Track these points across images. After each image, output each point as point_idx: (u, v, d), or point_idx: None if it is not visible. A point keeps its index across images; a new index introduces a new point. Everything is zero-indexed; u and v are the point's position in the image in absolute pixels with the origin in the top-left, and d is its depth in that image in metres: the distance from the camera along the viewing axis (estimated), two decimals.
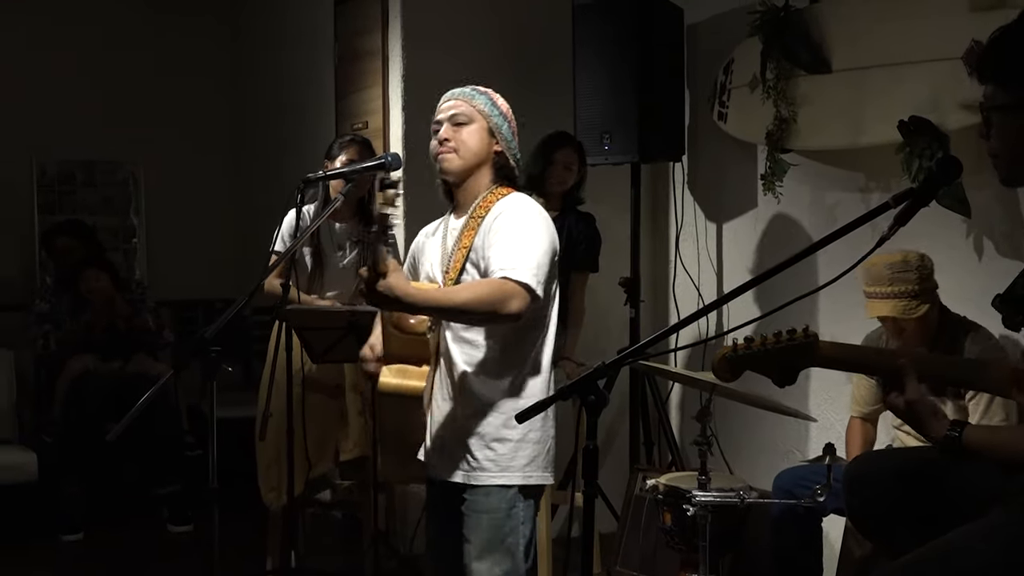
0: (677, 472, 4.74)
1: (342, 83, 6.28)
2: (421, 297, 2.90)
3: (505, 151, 3.24)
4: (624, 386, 5.54)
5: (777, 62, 4.96)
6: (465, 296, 2.97)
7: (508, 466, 3.13)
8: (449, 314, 3.06)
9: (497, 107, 3.27)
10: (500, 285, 2.97)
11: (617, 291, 5.42)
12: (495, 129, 3.24)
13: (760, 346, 2.45)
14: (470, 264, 3.13)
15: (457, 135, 3.20)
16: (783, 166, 5.05)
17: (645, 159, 5.36)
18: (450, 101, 3.27)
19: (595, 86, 5.32)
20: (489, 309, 2.95)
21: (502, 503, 3.12)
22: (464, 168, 3.21)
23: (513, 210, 3.13)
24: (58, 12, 7.45)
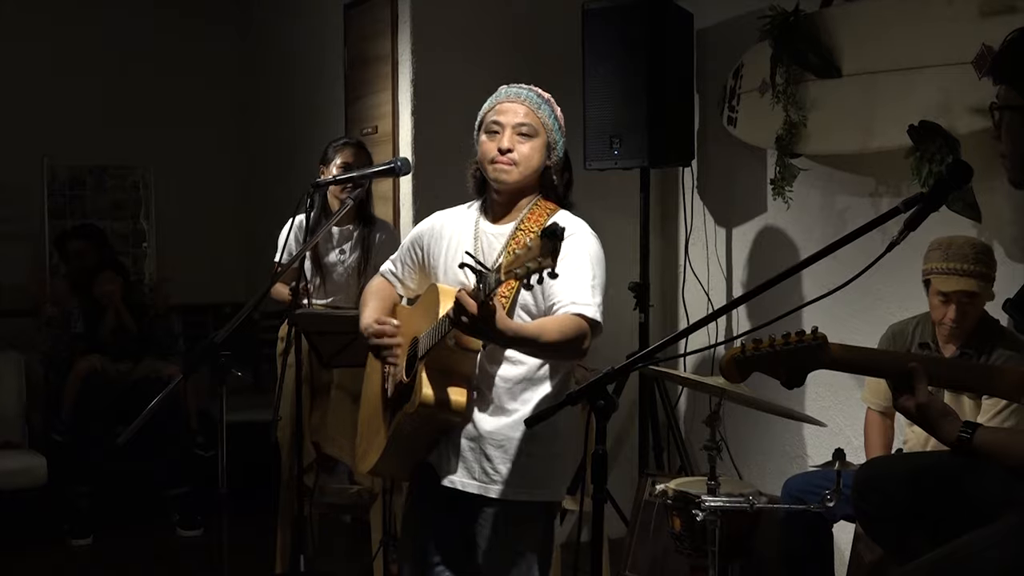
0: (686, 477, 4.73)
1: (352, 88, 6.28)
2: (520, 333, 2.88)
3: (553, 166, 3.20)
4: (633, 391, 5.54)
5: (787, 67, 4.96)
6: (556, 337, 2.93)
7: (535, 483, 3.12)
8: (538, 350, 3.01)
9: (558, 120, 3.22)
10: (580, 324, 2.96)
11: (626, 296, 5.41)
12: (552, 144, 3.19)
13: (769, 347, 2.45)
14: None
15: (520, 148, 3.14)
16: (793, 171, 5.04)
17: (654, 164, 5.36)
18: (515, 104, 3.18)
19: (604, 91, 5.32)
20: (572, 348, 2.97)
21: (523, 519, 3.12)
22: (518, 181, 3.16)
23: (579, 238, 3.10)
24: (67, 17, 7.48)
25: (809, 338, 2.45)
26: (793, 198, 5.08)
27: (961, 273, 3.95)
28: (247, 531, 4.50)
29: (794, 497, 4.15)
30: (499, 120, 3.16)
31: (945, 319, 4.00)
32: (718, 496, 3.91)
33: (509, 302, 3.06)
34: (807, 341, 2.45)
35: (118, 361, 6.40)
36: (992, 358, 3.96)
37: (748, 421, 5.40)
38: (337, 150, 4.99)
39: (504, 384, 3.11)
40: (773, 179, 5.10)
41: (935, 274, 4.01)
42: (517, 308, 3.08)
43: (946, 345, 4.07)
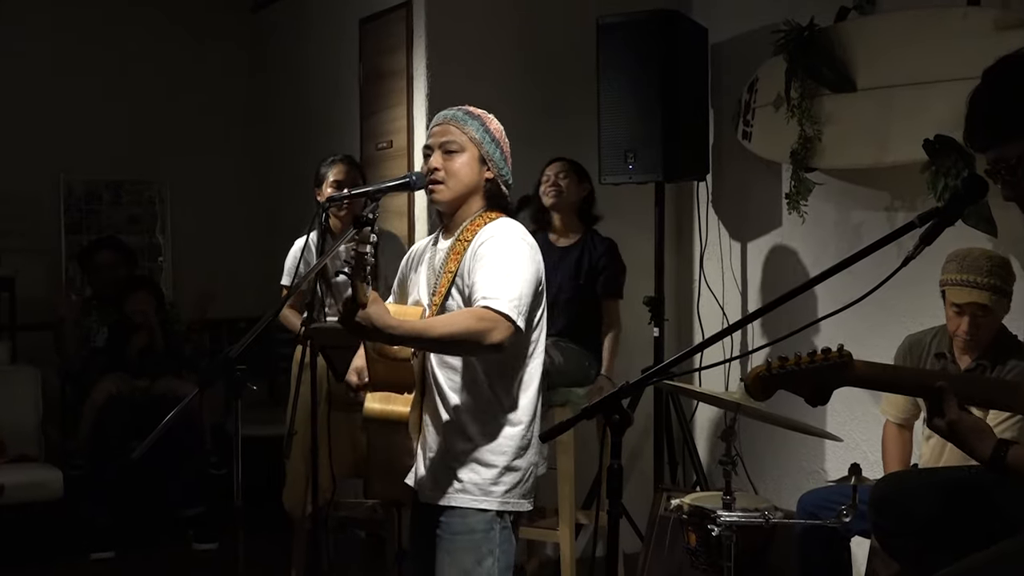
0: (702, 492, 4.72)
1: (366, 102, 6.30)
2: (400, 329, 2.89)
3: (496, 177, 3.22)
4: (648, 406, 5.53)
5: (802, 81, 4.96)
6: (445, 328, 2.94)
7: (489, 491, 3.12)
8: (430, 345, 3.04)
9: (489, 132, 3.22)
10: (481, 316, 2.95)
11: (641, 310, 5.41)
12: (487, 156, 3.20)
13: (794, 365, 2.43)
14: (455, 289, 3.12)
15: (448, 164, 3.17)
16: (808, 185, 5.04)
17: (669, 178, 5.36)
18: (441, 125, 3.23)
19: (619, 105, 5.32)
20: (470, 341, 2.94)
21: (479, 524, 3.11)
22: (453, 199, 3.20)
23: (498, 237, 3.11)
24: (84, 33, 7.51)
25: (835, 356, 2.43)
26: (808, 212, 5.08)
27: (975, 285, 3.94)
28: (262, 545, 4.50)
29: (810, 512, 4.14)
30: (429, 143, 3.23)
31: (959, 331, 3.99)
32: (734, 511, 3.90)
33: (437, 308, 3.12)
34: (832, 359, 2.44)
35: (137, 378, 6.41)
36: (1006, 370, 3.95)
37: (764, 436, 5.39)
38: (330, 166, 5.00)
39: (452, 395, 3.13)
40: (788, 193, 5.10)
41: (950, 285, 4.01)
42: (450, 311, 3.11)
43: (962, 356, 4.06)
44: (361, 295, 2.78)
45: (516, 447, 3.14)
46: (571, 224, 5.32)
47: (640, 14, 5.31)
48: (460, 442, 3.12)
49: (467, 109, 3.26)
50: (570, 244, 5.28)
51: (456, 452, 3.12)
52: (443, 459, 3.14)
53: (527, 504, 3.21)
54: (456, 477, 3.12)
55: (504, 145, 3.25)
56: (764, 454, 5.49)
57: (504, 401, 3.13)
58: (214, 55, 7.92)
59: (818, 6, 5.01)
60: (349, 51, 6.46)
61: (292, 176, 7.39)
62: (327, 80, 6.88)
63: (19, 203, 7.25)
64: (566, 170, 5.28)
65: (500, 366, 3.11)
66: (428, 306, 3.17)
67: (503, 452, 3.12)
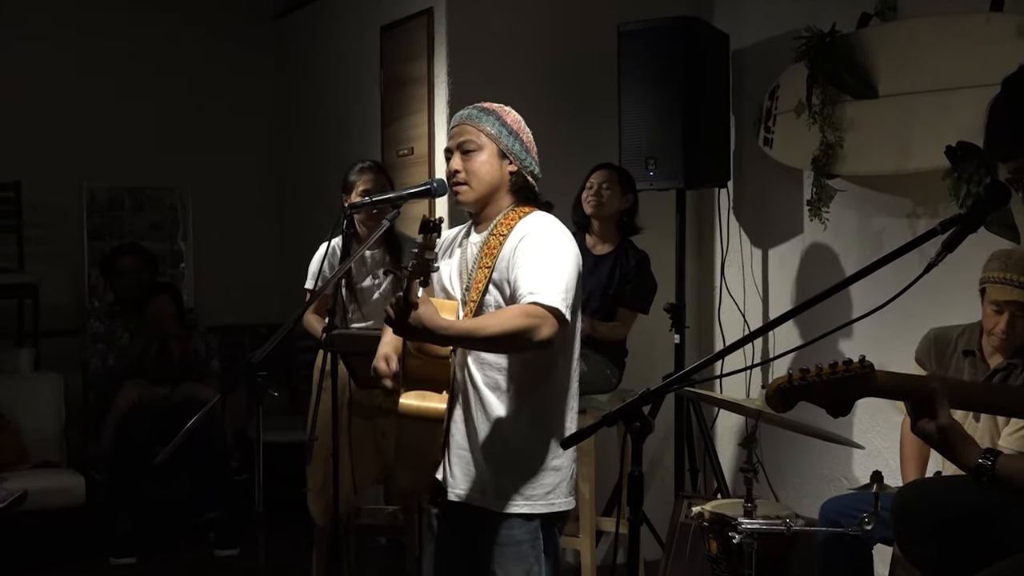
0: (723, 499, 4.71)
1: (388, 109, 6.31)
2: (452, 329, 2.91)
3: (520, 169, 3.21)
4: (669, 412, 5.52)
5: (823, 87, 4.95)
6: (496, 327, 2.94)
7: (531, 494, 3.11)
8: (480, 345, 3.05)
9: (506, 126, 3.22)
10: (531, 311, 2.94)
11: (662, 317, 5.40)
12: (506, 150, 3.19)
13: (815, 376, 2.42)
14: (492, 285, 3.12)
15: (468, 165, 3.18)
16: (829, 192, 5.03)
17: (690, 185, 5.35)
18: (458, 127, 3.24)
19: (640, 112, 5.33)
20: (521, 338, 2.93)
21: (526, 534, 3.10)
22: (479, 198, 3.20)
23: (537, 231, 3.11)
24: (106, 40, 7.54)
25: (856, 367, 2.42)
26: (830, 219, 5.07)
27: (1016, 284, 3.93)
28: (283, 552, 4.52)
29: (832, 520, 4.12)
30: (448, 146, 3.25)
31: (996, 329, 3.97)
32: (755, 518, 3.90)
33: (476, 304, 3.11)
34: (854, 370, 2.42)
35: (158, 384, 6.43)
36: None
37: (785, 443, 5.38)
38: (357, 176, 5.00)
39: (489, 392, 3.12)
40: (810, 200, 5.09)
41: (991, 283, 3.99)
42: (489, 307, 3.12)
43: (993, 355, 4.04)
44: (413, 295, 2.78)
45: (553, 445, 3.12)
46: (608, 233, 5.30)
47: (661, 21, 5.31)
48: (497, 442, 3.11)
49: (482, 106, 3.27)
50: (605, 253, 5.27)
51: (494, 453, 3.11)
52: (480, 460, 3.13)
53: (572, 501, 3.21)
54: (496, 480, 3.11)
55: (524, 135, 3.25)
56: (785, 461, 5.47)
57: (543, 397, 3.13)
58: (236, 62, 7.95)
59: (840, 12, 5.00)
60: (370, 58, 6.48)
61: (313, 182, 7.41)
62: (348, 87, 6.90)
63: (42, 210, 7.28)
64: (611, 181, 5.24)
65: (539, 360, 3.10)
66: (464, 301, 3.17)
67: (542, 453, 3.11)
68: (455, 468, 3.17)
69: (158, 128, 7.64)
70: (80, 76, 7.44)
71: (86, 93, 7.43)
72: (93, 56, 7.51)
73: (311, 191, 7.45)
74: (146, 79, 7.64)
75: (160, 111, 7.67)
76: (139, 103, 7.60)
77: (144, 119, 7.61)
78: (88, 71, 7.47)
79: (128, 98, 7.57)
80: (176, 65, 7.75)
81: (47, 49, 7.37)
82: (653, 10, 5.46)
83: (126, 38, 7.61)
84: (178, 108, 7.73)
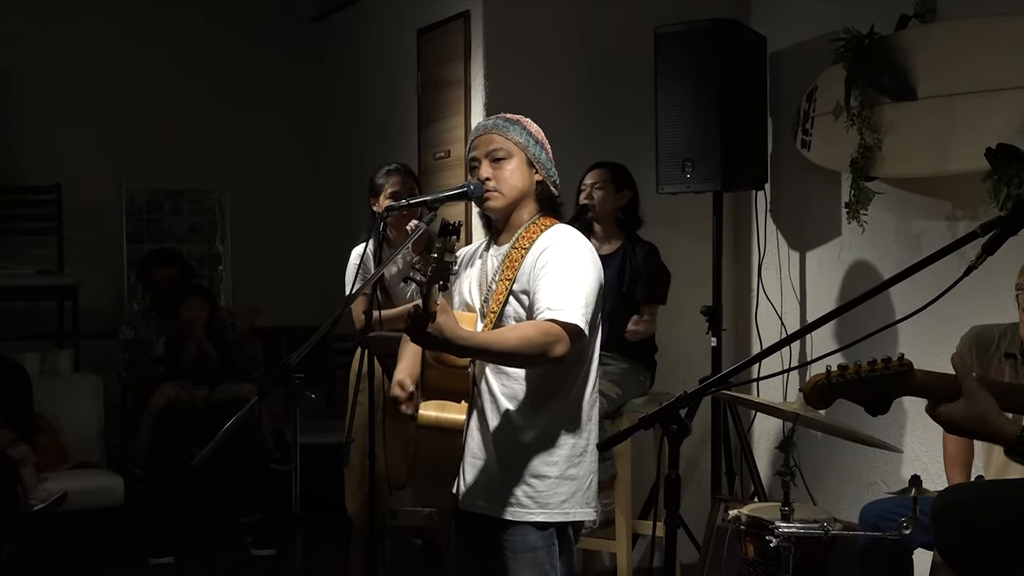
0: (760, 503, 4.70)
1: (424, 112, 6.33)
2: (471, 341, 2.92)
3: (545, 179, 3.24)
4: (706, 416, 5.51)
5: (862, 89, 4.93)
6: (514, 342, 2.96)
7: (547, 503, 3.11)
8: (496, 358, 3.07)
9: (532, 135, 3.24)
10: (548, 328, 2.96)
11: (699, 320, 5.39)
12: (534, 159, 3.22)
13: (854, 373, 2.41)
14: (513, 298, 3.13)
15: (498, 172, 3.19)
16: (868, 194, 5.01)
17: (727, 187, 5.34)
18: (484, 135, 3.24)
19: (677, 114, 5.31)
20: (536, 354, 2.96)
21: (540, 541, 3.10)
22: (507, 206, 3.21)
23: (560, 245, 3.12)
24: (145, 43, 7.60)
25: (895, 365, 2.41)
26: (868, 222, 5.04)
27: None
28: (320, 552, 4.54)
29: (871, 524, 4.10)
30: (475, 155, 3.24)
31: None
32: (792, 522, 3.88)
33: (495, 316, 3.12)
34: (893, 367, 2.41)
35: (196, 385, 6.47)
36: None
37: (822, 447, 5.36)
38: (384, 178, 5.01)
39: (507, 401, 3.12)
40: (848, 202, 5.07)
41: None
42: (508, 319, 3.12)
43: None
44: (432, 305, 2.78)
45: (570, 455, 3.13)
46: (611, 232, 5.31)
47: (698, 23, 5.29)
48: (513, 451, 3.12)
49: (505, 116, 3.28)
50: (611, 251, 5.26)
51: (510, 461, 3.12)
52: (495, 468, 3.13)
53: (591, 512, 3.21)
54: (511, 489, 3.11)
55: (547, 146, 3.27)
56: (823, 465, 5.45)
57: (559, 407, 3.13)
58: (273, 64, 7.98)
59: (878, 14, 4.97)
60: (407, 61, 6.49)
61: (350, 184, 7.42)
62: (385, 90, 6.93)
63: (82, 212, 7.34)
64: (602, 180, 5.27)
65: (557, 372, 3.11)
66: (483, 313, 3.18)
67: (556, 461, 3.11)
68: (469, 477, 3.18)
69: (197, 130, 7.69)
70: (120, 79, 7.50)
71: (126, 95, 7.49)
72: (134, 60, 7.56)
73: (348, 193, 7.46)
74: (185, 82, 7.69)
75: (199, 114, 7.72)
76: (178, 106, 7.65)
77: (183, 122, 7.66)
78: (128, 74, 7.53)
79: (167, 100, 7.62)
80: (215, 68, 7.80)
81: (89, 53, 7.44)
82: (690, 12, 5.45)
83: (166, 43, 7.66)
84: (216, 111, 7.78)
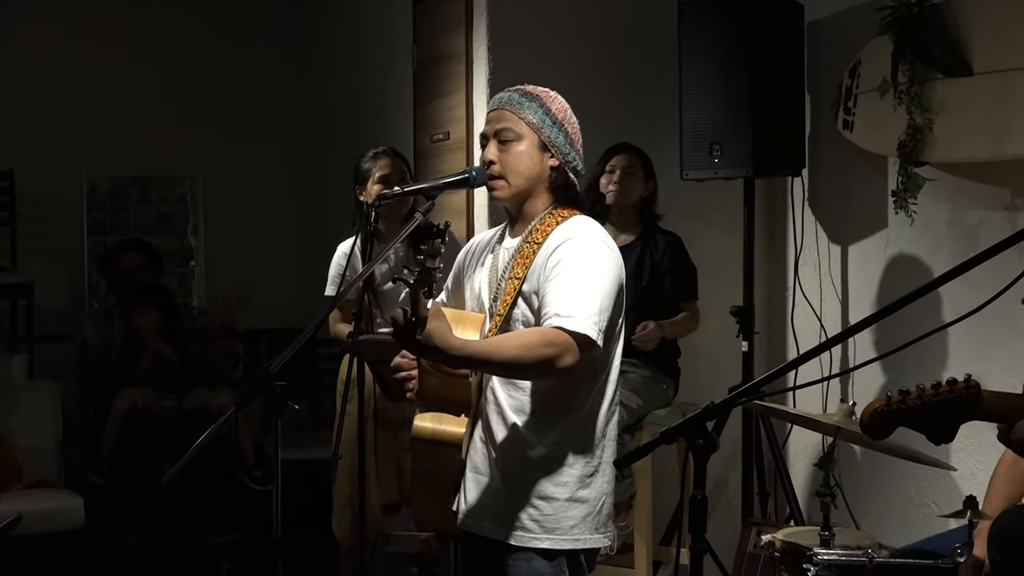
0: (796, 527, 4.70)
1: (421, 89, 6.33)
2: (465, 351, 2.91)
3: (562, 165, 3.20)
4: (736, 429, 5.51)
5: (910, 63, 4.93)
6: (513, 352, 2.95)
7: (554, 528, 3.11)
8: (495, 369, 3.07)
9: (550, 114, 3.19)
10: (554, 337, 2.94)
11: (728, 321, 5.39)
12: (548, 142, 3.18)
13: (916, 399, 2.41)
14: (522, 299, 3.12)
15: (504, 156, 3.17)
16: (917, 181, 5.00)
17: (760, 173, 5.34)
18: (496, 111, 3.22)
19: (704, 91, 5.31)
20: (539, 365, 2.95)
21: (548, 570, 3.11)
22: (514, 194, 3.20)
23: (576, 242, 3.09)
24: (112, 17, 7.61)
25: (961, 387, 2.41)
26: (918, 212, 5.04)
27: None
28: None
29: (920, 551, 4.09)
30: (485, 131, 3.23)
31: None
32: (832, 548, 3.88)
33: (502, 318, 3.12)
34: (959, 391, 2.41)
35: (163, 395, 6.47)
36: None
37: (866, 464, 5.35)
38: (371, 163, 5.01)
39: (513, 414, 3.13)
40: (895, 190, 5.07)
41: None
42: (516, 322, 3.13)
43: None
44: (422, 309, 2.79)
45: (581, 475, 3.13)
46: (630, 222, 5.33)
47: None
48: (518, 469, 3.12)
49: (524, 89, 3.25)
50: (629, 242, 5.26)
51: (514, 480, 3.12)
52: (499, 487, 3.14)
53: (603, 539, 3.20)
54: (515, 511, 3.11)
55: (569, 126, 3.23)
56: (867, 484, 5.45)
57: (571, 422, 3.13)
58: (255, 38, 7.99)
59: None
60: (402, 34, 6.50)
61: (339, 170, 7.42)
62: (377, 66, 6.93)
63: (38, 202, 7.35)
64: (635, 166, 5.28)
65: (569, 384, 3.10)
66: (491, 314, 3.18)
67: (565, 482, 3.11)
68: (472, 495, 3.19)
69: (166, 111, 7.70)
70: (81, 54, 7.50)
71: (87, 72, 7.50)
72: (95, 32, 7.58)
73: (336, 181, 7.47)
74: (153, 57, 7.70)
75: (169, 93, 7.72)
76: (145, 83, 7.65)
77: (151, 102, 7.66)
78: (90, 49, 7.54)
79: (132, 77, 7.62)
80: (188, 43, 7.81)
81: (46, 29, 7.45)
82: None
83: (132, 16, 7.67)
84: (189, 90, 7.78)
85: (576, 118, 3.28)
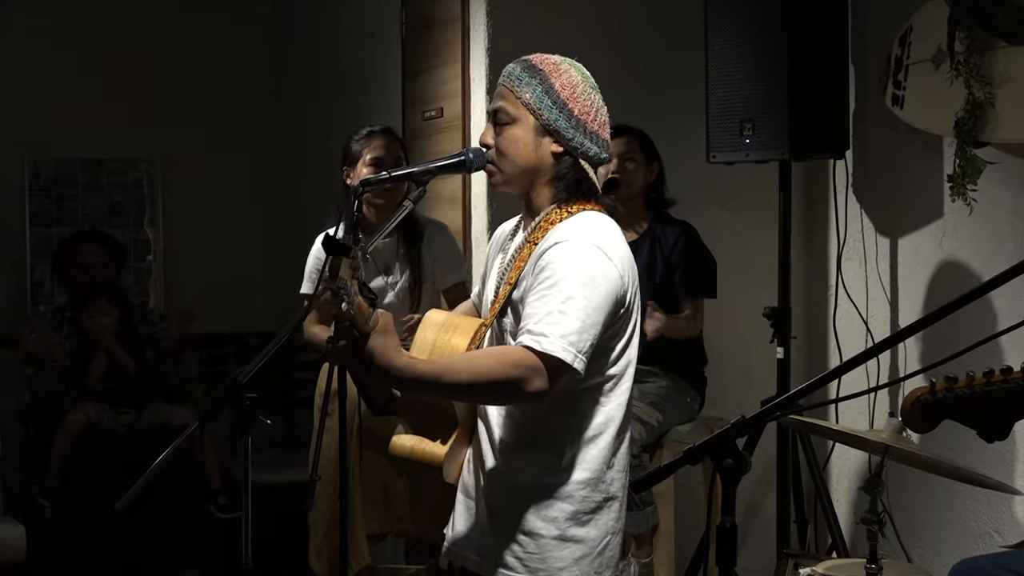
0: (838, 559, 4.71)
1: (410, 60, 6.34)
2: (411, 371, 2.91)
3: (568, 151, 3.12)
4: (770, 447, 5.51)
5: (969, 30, 4.93)
6: (467, 375, 2.94)
7: (538, 569, 3.09)
8: (448, 393, 3.05)
9: (552, 91, 3.10)
10: (520, 358, 2.91)
11: (761, 325, 5.39)
12: (548, 125, 3.10)
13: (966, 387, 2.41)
14: (510, 307, 3.11)
15: (498, 140, 3.14)
16: (977, 164, 5.01)
17: (797, 156, 5.34)
18: (499, 87, 3.19)
19: (733, 63, 5.32)
20: (500, 390, 2.95)
21: None
22: (507, 183, 3.18)
23: (564, 247, 3.02)
24: None
25: (1018, 375, 2.41)
26: (977, 199, 5.04)
27: None
28: None
29: None
30: (489, 109, 3.24)
31: None
32: None
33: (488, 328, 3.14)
34: (1014, 379, 2.41)
35: (118, 409, 6.47)
36: None
37: (919, 487, 5.36)
38: (363, 143, 5.02)
39: (503, 435, 3.13)
40: (951, 175, 5.07)
41: None
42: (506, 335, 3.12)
43: None
44: (361, 321, 2.79)
45: (576, 510, 3.10)
46: (636, 213, 5.33)
47: None
48: (504, 498, 3.12)
49: (529, 61, 3.19)
50: (637, 237, 5.27)
51: (499, 510, 3.13)
52: (484, 517, 3.15)
53: None
54: (498, 546, 3.11)
55: (577, 104, 3.12)
56: (919, 510, 5.45)
57: (565, 449, 3.10)
58: (218, 7, 7.97)
59: None
60: None
61: (315, 156, 7.46)
62: (360, 33, 6.93)
63: None
64: (633, 150, 5.29)
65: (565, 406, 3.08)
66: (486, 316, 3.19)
67: (554, 517, 3.09)
68: (460, 523, 3.21)
69: (117, 85, 7.68)
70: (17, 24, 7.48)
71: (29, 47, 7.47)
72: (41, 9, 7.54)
73: (312, 166, 7.49)
74: (101, 24, 7.68)
75: (119, 64, 7.70)
76: (93, 55, 7.64)
77: (99, 75, 7.65)
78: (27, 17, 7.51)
79: (78, 49, 7.61)
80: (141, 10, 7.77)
81: None
82: None
83: None
84: (142, 59, 7.76)
85: (597, 93, 3.19)
